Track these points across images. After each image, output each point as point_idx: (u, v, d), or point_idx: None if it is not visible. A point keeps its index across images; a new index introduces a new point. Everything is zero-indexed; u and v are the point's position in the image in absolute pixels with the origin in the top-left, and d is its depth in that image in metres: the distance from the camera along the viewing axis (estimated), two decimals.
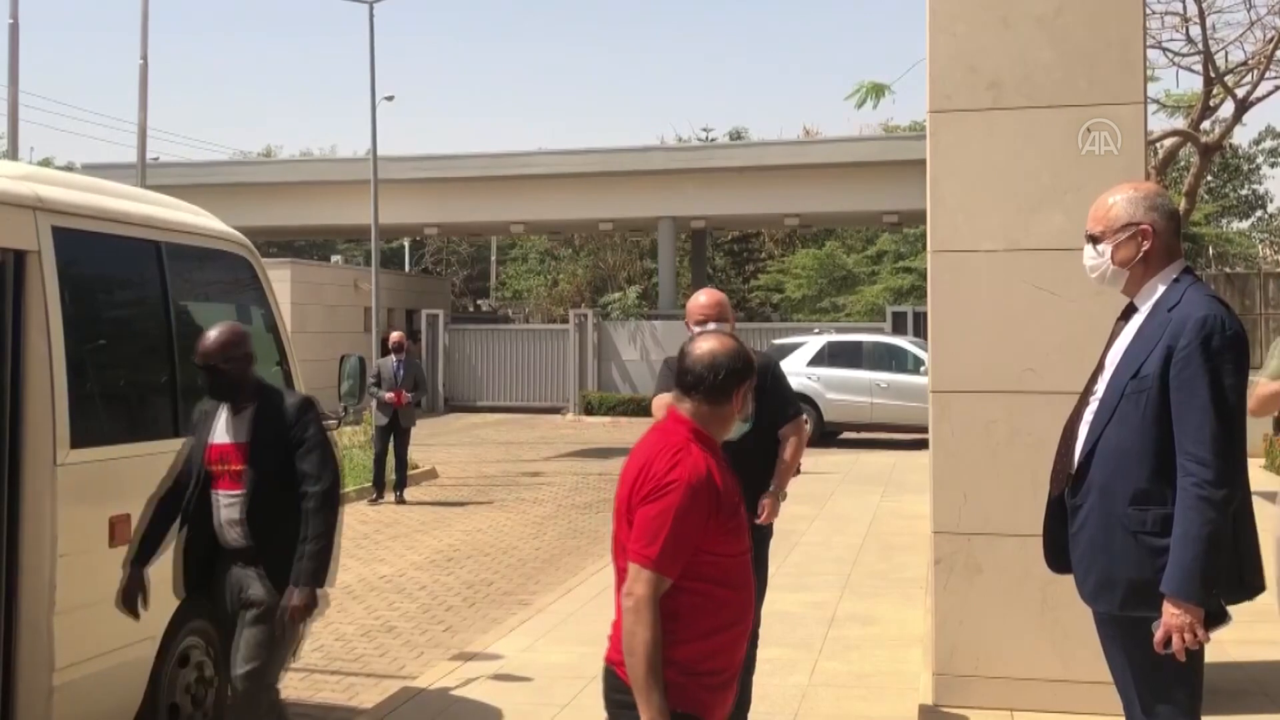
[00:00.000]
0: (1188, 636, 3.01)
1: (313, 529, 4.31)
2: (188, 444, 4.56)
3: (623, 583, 2.82)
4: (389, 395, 13.44)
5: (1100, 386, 3.32)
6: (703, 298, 4.97)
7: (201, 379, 4.48)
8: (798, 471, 5.02)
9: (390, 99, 33.29)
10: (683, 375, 2.98)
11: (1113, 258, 3.33)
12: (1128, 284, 3.35)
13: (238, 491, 4.37)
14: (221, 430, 4.46)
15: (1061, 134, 5.33)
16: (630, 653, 2.74)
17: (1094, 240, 3.38)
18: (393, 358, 13.86)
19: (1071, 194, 5.16)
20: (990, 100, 5.43)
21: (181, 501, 4.46)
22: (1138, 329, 3.28)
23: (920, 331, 23.03)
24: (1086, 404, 3.37)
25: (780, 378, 5.06)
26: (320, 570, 4.34)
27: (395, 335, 14.40)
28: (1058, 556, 3.43)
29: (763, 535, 4.91)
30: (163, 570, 4.72)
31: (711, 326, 4.79)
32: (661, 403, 4.85)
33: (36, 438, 4.20)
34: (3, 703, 4.14)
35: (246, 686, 4.34)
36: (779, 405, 4.93)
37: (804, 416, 5.12)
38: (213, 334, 4.44)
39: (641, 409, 23.52)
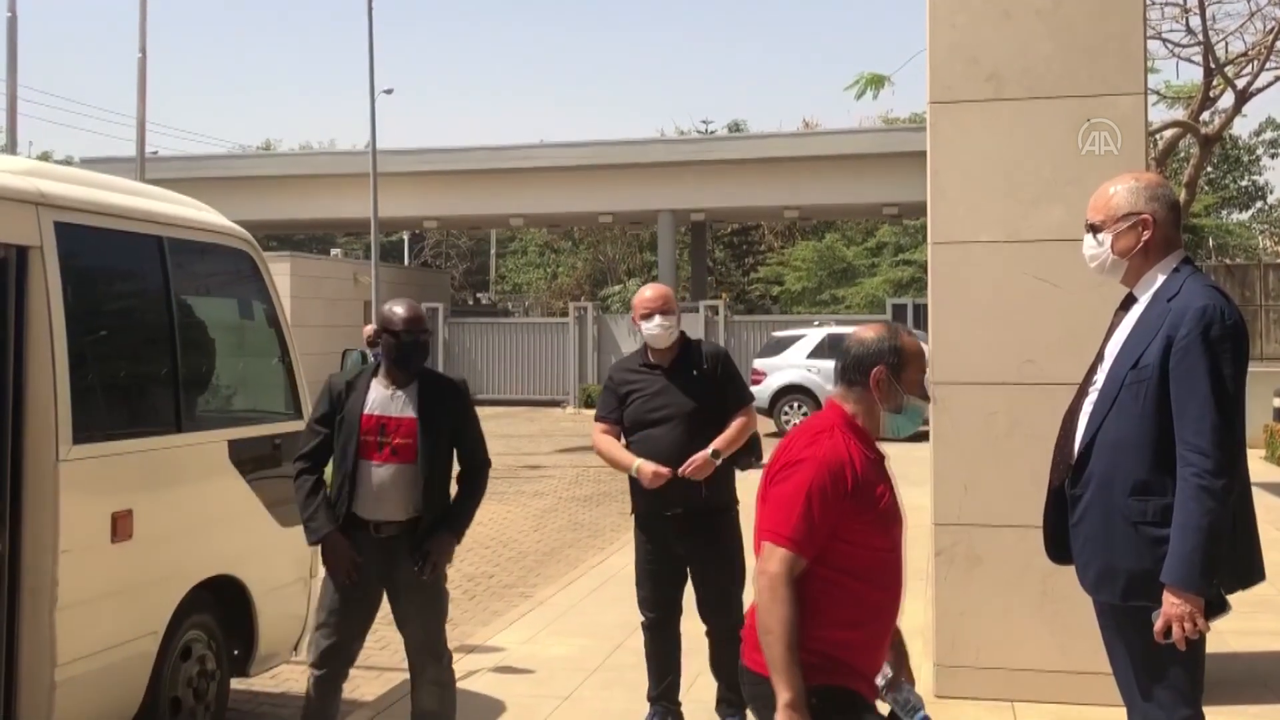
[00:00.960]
0: (1188, 626, 3.01)
1: (475, 490, 4.67)
2: (320, 418, 4.59)
3: None
4: None
5: (1100, 377, 3.32)
6: (648, 292, 5.04)
7: (385, 343, 4.56)
8: (758, 464, 4.77)
9: (389, 92, 33.42)
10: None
11: (1113, 247, 3.32)
12: (1127, 274, 3.35)
13: (396, 463, 4.46)
14: (380, 403, 4.53)
15: (1062, 126, 5.33)
16: (766, 631, 2.64)
17: (1094, 229, 3.37)
18: (369, 353, 13.57)
19: (1072, 185, 5.16)
20: (991, 91, 5.43)
21: (319, 471, 4.60)
22: (1137, 319, 3.27)
23: (920, 324, 23.02)
24: (1086, 395, 3.36)
25: (731, 367, 5.11)
26: (467, 525, 4.65)
27: (367, 329, 14.10)
28: (1058, 547, 3.43)
29: (728, 516, 4.96)
30: (166, 565, 4.73)
31: (657, 319, 4.87)
32: (599, 429, 4.96)
33: (38, 433, 4.20)
34: (5, 698, 4.15)
35: (439, 673, 4.64)
36: (730, 392, 4.99)
37: (753, 402, 5.20)
38: (402, 308, 4.57)
39: None
